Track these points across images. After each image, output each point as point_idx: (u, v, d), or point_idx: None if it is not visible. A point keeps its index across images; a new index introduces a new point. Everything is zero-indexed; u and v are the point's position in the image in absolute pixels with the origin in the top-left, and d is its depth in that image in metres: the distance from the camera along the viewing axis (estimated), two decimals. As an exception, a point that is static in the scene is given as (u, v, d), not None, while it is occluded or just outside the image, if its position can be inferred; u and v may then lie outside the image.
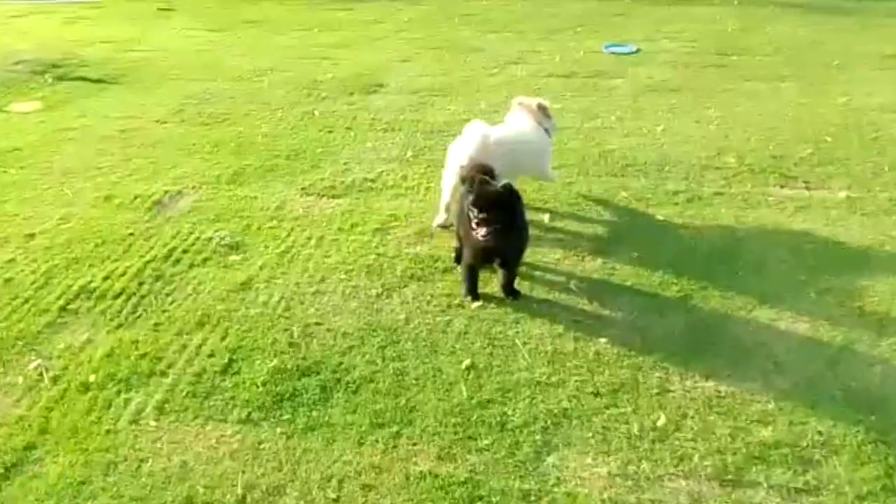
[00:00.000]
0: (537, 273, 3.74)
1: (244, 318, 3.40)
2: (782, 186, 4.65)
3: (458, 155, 3.93)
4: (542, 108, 4.35)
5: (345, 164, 5.17)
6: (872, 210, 4.31)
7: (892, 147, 5.15)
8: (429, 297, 3.55)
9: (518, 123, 4.36)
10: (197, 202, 4.62)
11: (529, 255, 3.82)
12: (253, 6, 10.65)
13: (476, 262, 3.45)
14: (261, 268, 3.85)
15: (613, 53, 7.66)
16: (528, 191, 4.56)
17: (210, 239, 4.14)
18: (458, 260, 3.77)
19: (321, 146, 5.48)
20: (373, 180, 4.88)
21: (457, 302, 3.51)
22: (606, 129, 5.64)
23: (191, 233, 4.23)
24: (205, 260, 3.94)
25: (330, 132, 5.76)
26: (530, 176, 4.45)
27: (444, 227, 4.12)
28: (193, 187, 4.83)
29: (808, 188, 4.63)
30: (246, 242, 4.12)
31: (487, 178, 3.45)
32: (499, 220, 3.17)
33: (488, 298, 3.52)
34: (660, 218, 4.27)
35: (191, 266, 3.89)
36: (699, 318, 3.35)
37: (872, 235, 4.02)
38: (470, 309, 3.45)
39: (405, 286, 3.65)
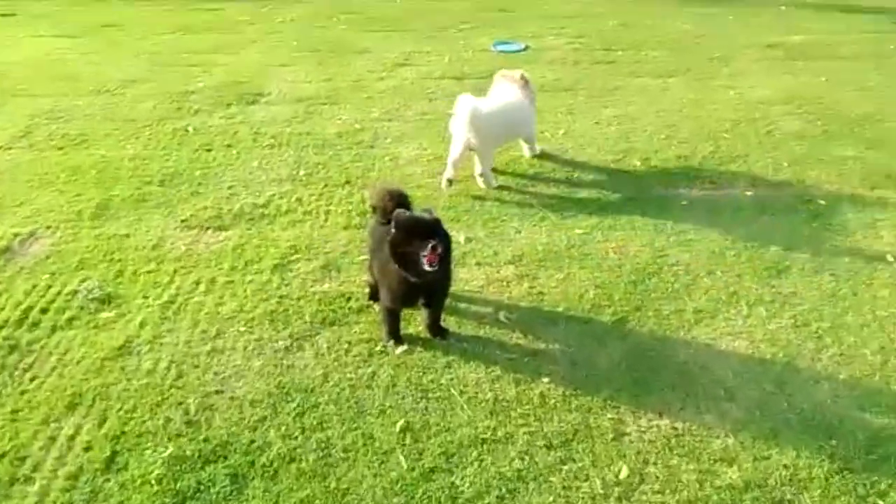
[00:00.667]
0: (462, 304, 3.41)
1: (126, 393, 2.86)
2: (691, 188, 4.57)
3: (457, 130, 4.44)
4: (523, 79, 4.84)
5: (229, 188, 4.62)
6: (780, 209, 4.29)
7: (786, 142, 5.20)
8: (346, 345, 3.14)
9: (505, 94, 4.77)
10: (55, 246, 3.96)
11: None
12: (107, 7, 9.64)
13: (400, 302, 3.07)
14: (141, 325, 3.29)
15: (503, 52, 7.45)
16: (439, 207, 4.24)
17: (75, 292, 3.52)
18: (372, 297, 3.39)
19: (200, 168, 4.89)
20: (264, 206, 4.38)
21: (379, 348, 3.12)
22: (508, 134, 5.38)
23: (49, 286, 3.59)
24: (70, 320, 3.33)
25: (208, 151, 5.17)
26: (522, 139, 4.93)
27: (451, 182, 4.49)
28: (49, 227, 4.15)
29: (715, 188, 4.56)
30: (120, 293, 3.54)
31: (403, 208, 3.09)
32: (440, 250, 2.81)
33: (412, 340, 3.16)
34: (578, 232, 4.05)
35: (53, 329, 3.27)
36: (638, 344, 3.14)
37: (785, 237, 3.97)
38: (395, 355, 3.08)
39: (317, 334, 3.22)
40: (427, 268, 2.79)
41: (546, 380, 2.92)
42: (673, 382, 2.90)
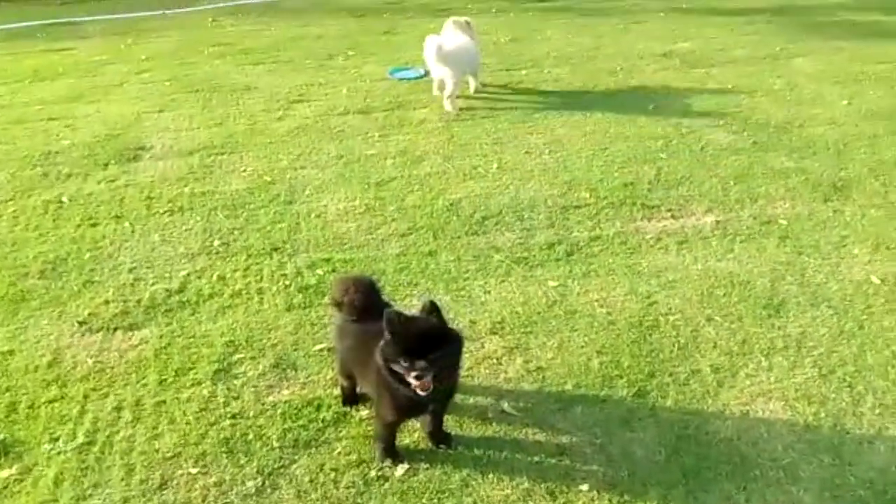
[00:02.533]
0: (456, 395, 2.89)
1: None
2: (650, 219, 4.29)
3: (432, 65, 5.95)
4: (468, 24, 6.30)
5: (130, 271, 3.86)
6: (747, 234, 4.09)
7: (723, 157, 5.07)
8: (332, 475, 2.54)
9: (457, 38, 6.14)
10: (-86, 379, 3.07)
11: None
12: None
13: (405, 415, 2.51)
14: (56, 483, 2.54)
15: (402, 80, 6.96)
16: (389, 271, 3.71)
17: (-46, 446, 2.69)
18: (348, 401, 2.81)
19: (88, 249, 4.07)
20: (180, 291, 3.66)
21: (374, 473, 2.54)
22: (439, 174, 4.91)
23: (-83, 440, 2.73)
24: (-45, 489, 2.52)
25: (94, 226, 4.33)
26: (471, 74, 6.27)
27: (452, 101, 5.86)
28: None
29: (674, 217, 4.31)
30: (18, 438, 2.74)
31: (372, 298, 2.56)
32: (441, 359, 2.25)
33: (411, 455, 2.61)
34: (553, 284, 3.64)
35: (-67, 507, 2.45)
36: (670, 422, 2.75)
37: (766, 267, 3.76)
38: (397, 479, 2.51)
39: (292, 463, 2.59)
40: (420, 393, 2.25)
41: (585, 487, 2.47)
42: (727, 469, 2.53)
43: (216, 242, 4.10)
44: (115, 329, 3.38)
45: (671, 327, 3.29)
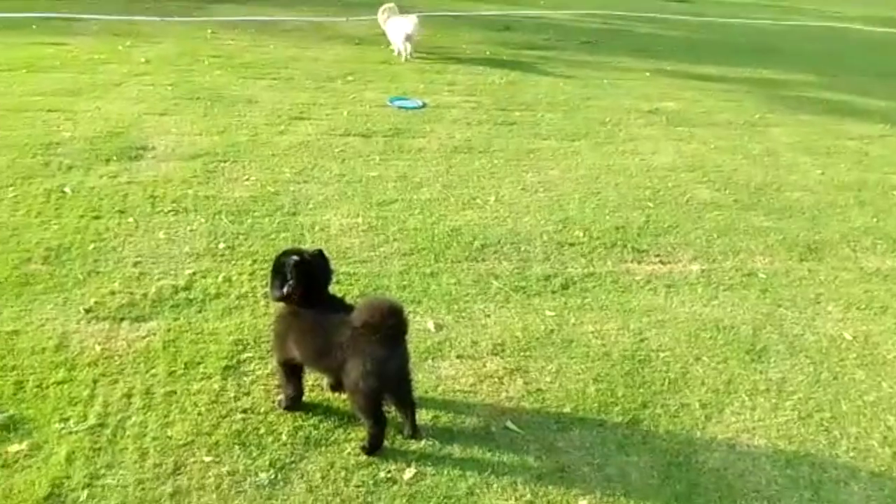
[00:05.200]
0: (460, 409, 3.01)
1: (78, 570, 2.16)
2: (639, 262, 4.50)
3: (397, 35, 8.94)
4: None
5: (136, 265, 3.90)
6: (729, 283, 4.33)
7: (706, 211, 5.34)
8: (342, 473, 2.63)
9: (401, 18, 8.94)
10: (-82, 350, 3.06)
11: (437, 383, 3.11)
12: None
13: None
14: (69, 460, 2.57)
15: (401, 108, 7.15)
16: (392, 288, 3.84)
17: (-37, 418, 2.70)
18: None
19: (91, 240, 4.10)
20: (186, 288, 3.72)
21: (383, 475, 2.64)
22: (439, 200, 5.07)
23: (-76, 409, 2.73)
24: (-35, 459, 2.53)
25: (97, 218, 4.36)
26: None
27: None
28: None
29: (662, 262, 4.54)
30: (27, 416, 2.76)
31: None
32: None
33: (420, 460, 2.71)
34: (550, 314, 3.81)
35: (-58, 475, 2.45)
36: (662, 450, 2.91)
37: (748, 315, 3.99)
38: (404, 482, 2.61)
39: (303, 459, 2.67)
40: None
41: (584, 502, 2.60)
42: (715, 496, 2.70)
43: (221, 245, 4.17)
44: (122, 319, 3.42)
45: (662, 363, 3.47)
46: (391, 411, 2.78)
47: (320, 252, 2.85)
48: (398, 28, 8.92)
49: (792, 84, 9.81)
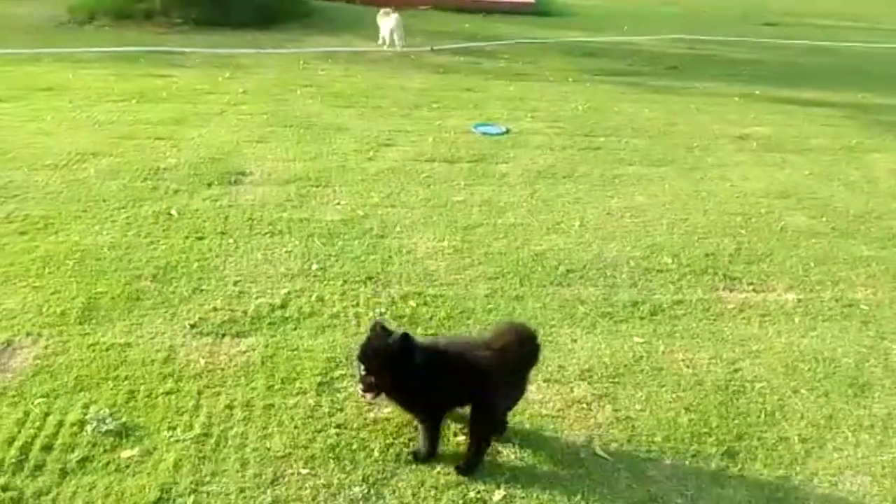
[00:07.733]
0: (548, 432, 3.01)
1: (187, 571, 2.28)
2: (731, 290, 4.39)
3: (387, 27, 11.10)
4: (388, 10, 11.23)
5: (236, 283, 4.09)
6: (829, 314, 4.16)
7: (802, 239, 5.17)
8: (433, 491, 2.67)
9: (391, 18, 11.05)
10: (41, 359, 3.30)
11: (524, 406, 3.12)
12: (39, 68, 8.87)
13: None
14: (176, 467, 2.71)
15: (485, 134, 7.26)
16: (478, 311, 3.87)
17: (82, 423, 2.90)
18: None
19: (196, 259, 4.33)
20: (282, 307, 3.87)
21: (472, 495, 2.66)
22: (523, 225, 5.11)
23: (47, 413, 2.95)
24: (83, 461, 2.71)
25: (200, 238, 4.61)
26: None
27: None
28: (29, 334, 3.49)
29: (755, 290, 4.41)
30: (138, 423, 2.94)
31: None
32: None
33: (510, 481, 2.72)
34: (639, 341, 3.76)
35: (64, 474, 2.64)
36: (759, 484, 2.83)
37: (849, 348, 3.82)
38: (493, 503, 2.63)
39: (394, 476, 2.73)
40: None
41: (681, 534, 2.55)
42: (818, 533, 2.60)
43: (314, 266, 4.33)
44: (224, 335, 3.59)
45: (757, 394, 3.37)
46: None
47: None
48: (385, 24, 11.23)
49: (889, 109, 9.39)
